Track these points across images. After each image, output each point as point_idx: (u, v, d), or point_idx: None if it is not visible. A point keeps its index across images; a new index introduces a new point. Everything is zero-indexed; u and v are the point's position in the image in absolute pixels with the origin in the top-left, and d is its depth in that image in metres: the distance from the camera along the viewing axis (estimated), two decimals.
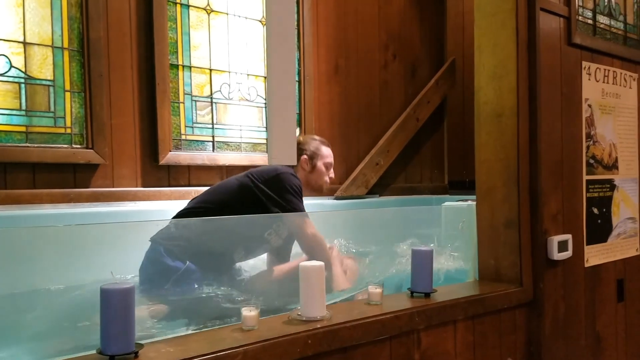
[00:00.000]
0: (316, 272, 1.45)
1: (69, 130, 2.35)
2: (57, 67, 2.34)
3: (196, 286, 1.80)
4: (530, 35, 1.99)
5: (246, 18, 2.92)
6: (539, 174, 1.98)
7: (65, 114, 2.35)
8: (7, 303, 1.40)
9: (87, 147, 2.33)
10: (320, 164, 2.38)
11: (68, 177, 2.25)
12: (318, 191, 2.41)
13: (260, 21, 2.99)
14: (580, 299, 2.17)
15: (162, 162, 2.50)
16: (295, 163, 1.45)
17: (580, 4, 2.24)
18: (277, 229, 2.14)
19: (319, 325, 1.36)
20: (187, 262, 1.84)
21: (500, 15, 1.99)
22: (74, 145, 2.34)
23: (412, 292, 1.70)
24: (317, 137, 2.49)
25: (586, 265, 2.20)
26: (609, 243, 2.34)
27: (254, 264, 2.19)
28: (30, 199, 2.20)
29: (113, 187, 2.31)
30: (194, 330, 1.43)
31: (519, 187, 1.95)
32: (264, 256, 2.27)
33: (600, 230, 2.29)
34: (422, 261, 1.72)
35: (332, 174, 2.44)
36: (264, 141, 2.93)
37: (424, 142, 3.64)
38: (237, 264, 2.11)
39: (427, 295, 1.69)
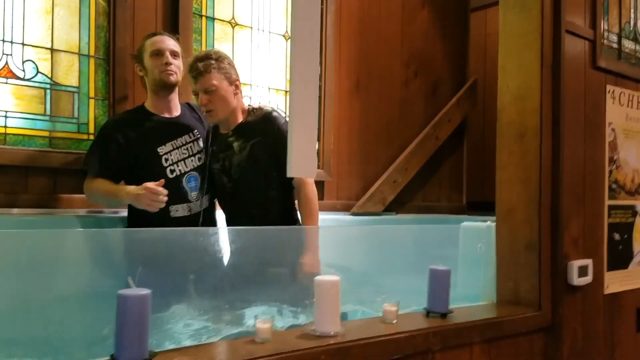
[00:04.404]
0: (332, 287, 1.43)
1: (91, 137, 2.38)
2: (83, 75, 2.38)
3: None
4: (555, 57, 1.98)
5: (270, 32, 2.95)
6: (561, 197, 1.95)
7: (88, 121, 2.38)
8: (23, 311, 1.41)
9: None
10: (146, 60, 2.13)
11: None
12: (162, 85, 2.13)
13: (283, 36, 3.02)
14: (598, 327, 2.12)
15: None
16: (314, 177, 1.44)
17: (606, 27, 2.22)
18: None
19: (332, 342, 1.34)
20: None
21: (525, 37, 1.99)
22: None
23: (428, 312, 1.68)
24: (144, 37, 2.25)
25: (606, 292, 2.16)
26: (630, 270, 2.29)
27: None
28: (51, 203, 2.22)
29: None
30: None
31: (540, 209, 1.92)
32: None
33: (621, 256, 2.24)
34: (439, 281, 1.69)
35: (168, 59, 2.12)
36: None
37: (443, 161, 3.62)
38: None
39: (443, 315, 1.66)
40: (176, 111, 2.22)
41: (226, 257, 1.73)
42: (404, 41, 3.44)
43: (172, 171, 2.11)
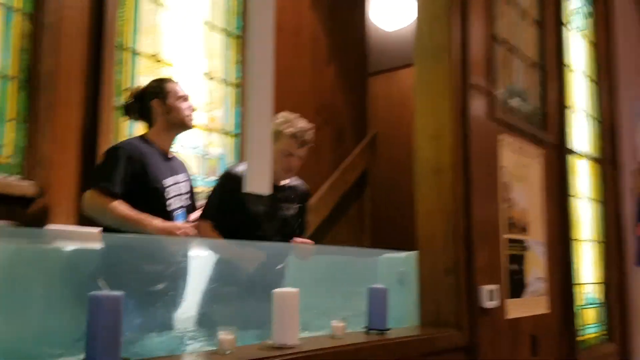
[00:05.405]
0: (290, 299, 1.47)
1: (7, 160, 2.21)
2: (2, 96, 2.23)
3: None
4: (464, 104, 2.25)
5: (192, 70, 3.00)
6: (472, 227, 2.17)
7: (5, 143, 2.22)
8: None
9: (25, 179, 2.20)
10: (172, 101, 2.27)
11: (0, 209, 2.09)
12: (183, 126, 2.31)
13: (205, 74, 3.10)
14: (503, 349, 2.32)
15: None
16: (268, 192, 1.50)
17: (498, 85, 2.58)
18: None
19: (295, 351, 1.37)
20: None
21: (438, 85, 2.24)
22: (11, 176, 2.20)
23: (368, 329, 1.76)
24: (159, 79, 2.42)
25: (507, 317, 2.38)
26: (524, 299, 2.55)
27: None
28: None
29: (47, 223, 2.17)
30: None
31: (456, 237, 2.12)
32: None
33: (517, 285, 2.49)
34: (378, 299, 1.79)
35: (192, 106, 2.34)
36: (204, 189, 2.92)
37: (350, 205, 3.81)
38: None
39: (382, 332, 1.74)
40: (172, 152, 2.35)
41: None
42: (314, 92, 3.66)
43: (169, 205, 2.18)
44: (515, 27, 2.76)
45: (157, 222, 2.03)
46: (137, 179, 2.09)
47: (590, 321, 3.33)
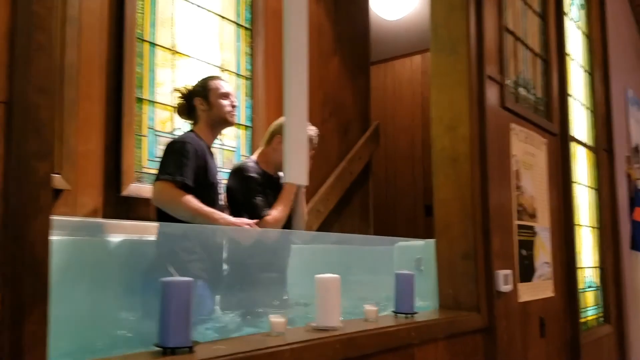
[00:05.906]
0: (332, 284, 1.53)
1: None
2: None
3: None
4: (480, 94, 2.32)
5: (207, 63, 3.02)
6: (489, 214, 2.25)
7: None
8: None
9: (54, 173, 2.22)
10: (214, 98, 2.30)
11: None
12: (225, 123, 2.35)
13: (218, 67, 3.12)
14: (516, 331, 2.41)
15: (124, 193, 2.43)
16: (306, 183, 1.58)
17: (507, 75, 2.65)
18: None
19: (341, 332, 1.43)
20: None
21: (455, 75, 2.30)
22: None
23: (396, 313, 1.82)
24: (204, 77, 2.44)
25: (519, 300, 2.48)
26: (533, 283, 2.65)
27: None
28: None
29: (75, 215, 2.20)
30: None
31: (474, 223, 2.19)
32: None
33: (527, 270, 2.59)
34: (404, 284, 1.86)
35: (234, 102, 2.37)
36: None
37: (355, 195, 3.88)
38: None
39: (410, 315, 1.81)
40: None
41: None
42: (320, 84, 3.70)
43: (220, 200, 2.26)
44: (520, 17, 2.83)
45: (231, 219, 2.13)
46: (200, 174, 2.13)
47: (589, 304, 3.45)
